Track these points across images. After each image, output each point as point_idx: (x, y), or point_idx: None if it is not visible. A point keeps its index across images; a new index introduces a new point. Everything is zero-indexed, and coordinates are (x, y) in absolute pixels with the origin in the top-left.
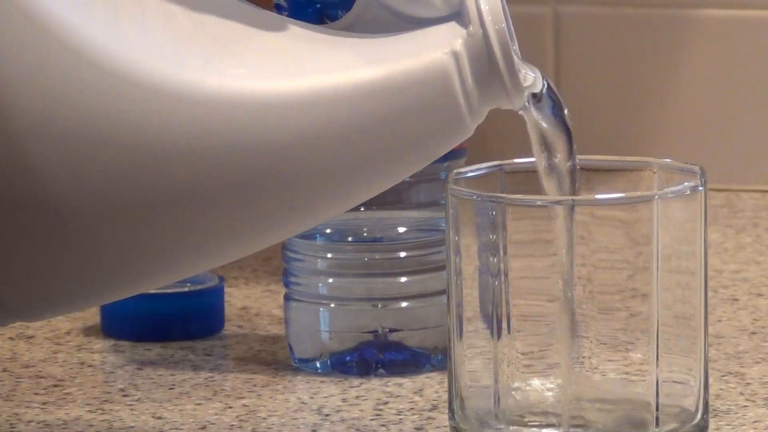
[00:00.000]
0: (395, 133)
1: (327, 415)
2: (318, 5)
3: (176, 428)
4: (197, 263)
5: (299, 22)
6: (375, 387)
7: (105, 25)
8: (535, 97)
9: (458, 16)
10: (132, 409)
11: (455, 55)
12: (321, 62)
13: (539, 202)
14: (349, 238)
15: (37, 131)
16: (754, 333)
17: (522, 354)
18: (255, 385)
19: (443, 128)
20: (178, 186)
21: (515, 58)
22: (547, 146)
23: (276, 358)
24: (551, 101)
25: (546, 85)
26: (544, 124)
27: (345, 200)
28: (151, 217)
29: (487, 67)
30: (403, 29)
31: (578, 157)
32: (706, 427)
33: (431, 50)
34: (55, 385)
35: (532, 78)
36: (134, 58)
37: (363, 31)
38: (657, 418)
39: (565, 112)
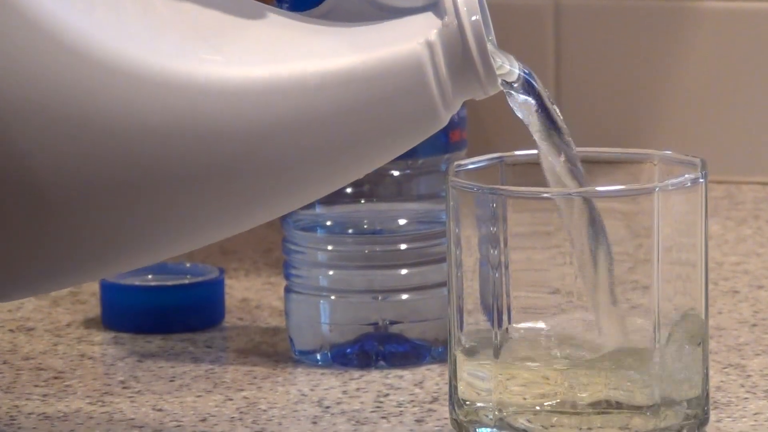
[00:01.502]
0: (368, 121)
1: (327, 408)
2: None
3: (176, 420)
4: (172, 246)
5: (278, 9)
6: (375, 379)
7: (80, 11)
8: (511, 86)
9: (434, 7)
10: (132, 402)
11: (429, 46)
12: (296, 50)
13: (540, 195)
14: (350, 231)
15: (16, 114)
16: (754, 325)
17: None
18: (255, 377)
19: (417, 118)
20: (153, 169)
21: (489, 48)
22: (542, 134)
23: (276, 350)
24: (531, 90)
25: (524, 75)
26: (519, 114)
27: (316, 187)
28: (126, 199)
29: (461, 58)
30: (380, 18)
31: (579, 149)
32: (707, 419)
33: (406, 40)
34: (56, 378)
35: (507, 68)
36: (109, 43)
37: (339, 20)
38: (658, 407)
39: (547, 99)
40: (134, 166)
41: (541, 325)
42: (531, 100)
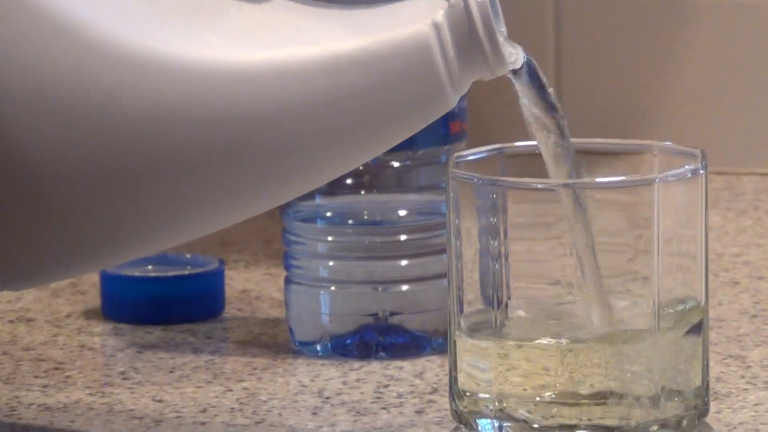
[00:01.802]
0: (376, 104)
1: (327, 398)
2: None
3: (176, 411)
4: (174, 234)
5: None
6: (375, 370)
7: None
8: (515, 74)
9: None
10: (132, 392)
11: (436, 27)
12: (302, 33)
13: (540, 186)
14: (350, 222)
15: (16, 101)
16: (754, 316)
17: None
18: (255, 368)
19: (425, 99)
20: (155, 155)
21: (497, 31)
22: (539, 125)
23: (276, 341)
24: (533, 78)
25: (527, 63)
26: (525, 101)
27: (324, 171)
28: (127, 186)
29: (467, 38)
30: (385, 1)
31: (579, 140)
32: (707, 410)
33: (413, 21)
34: (56, 368)
35: (513, 54)
36: (111, 28)
37: (345, 3)
38: (659, 396)
39: (549, 89)
40: (136, 153)
41: (540, 309)
42: (532, 90)
